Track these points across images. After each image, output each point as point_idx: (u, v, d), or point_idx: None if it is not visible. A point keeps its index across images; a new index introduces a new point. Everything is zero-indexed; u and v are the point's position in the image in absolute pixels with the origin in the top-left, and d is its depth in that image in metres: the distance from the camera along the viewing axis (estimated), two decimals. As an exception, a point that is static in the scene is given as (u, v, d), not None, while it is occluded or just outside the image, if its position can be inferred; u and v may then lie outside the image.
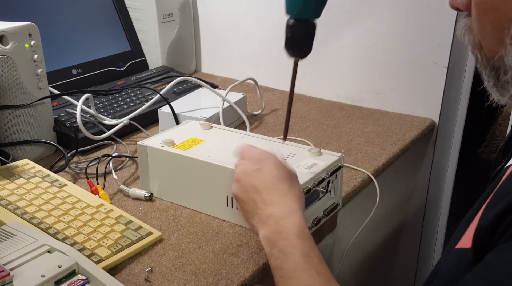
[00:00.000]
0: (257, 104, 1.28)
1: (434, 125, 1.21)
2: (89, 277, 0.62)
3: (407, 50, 1.20)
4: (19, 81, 0.94)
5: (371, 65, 1.25)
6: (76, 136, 1.00)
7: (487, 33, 0.57)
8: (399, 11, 1.18)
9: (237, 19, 1.44)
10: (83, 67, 1.24)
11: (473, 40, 0.59)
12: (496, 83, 0.58)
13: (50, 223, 0.73)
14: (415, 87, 1.21)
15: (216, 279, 0.68)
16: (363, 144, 1.07)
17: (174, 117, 1.05)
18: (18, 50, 0.93)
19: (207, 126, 0.93)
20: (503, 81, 0.57)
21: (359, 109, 1.27)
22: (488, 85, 0.60)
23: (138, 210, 0.84)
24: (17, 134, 0.96)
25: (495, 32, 0.55)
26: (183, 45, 1.48)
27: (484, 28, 0.57)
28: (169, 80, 1.25)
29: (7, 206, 0.76)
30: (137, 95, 1.21)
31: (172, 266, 0.70)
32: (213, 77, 1.50)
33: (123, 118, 1.07)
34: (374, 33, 1.22)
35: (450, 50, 1.14)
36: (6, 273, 0.58)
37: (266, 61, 1.42)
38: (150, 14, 1.39)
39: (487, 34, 0.57)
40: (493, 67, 0.58)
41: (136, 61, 1.37)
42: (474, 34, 0.59)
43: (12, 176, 0.84)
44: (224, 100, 1.10)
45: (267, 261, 0.72)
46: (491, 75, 0.58)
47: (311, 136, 1.11)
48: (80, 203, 0.79)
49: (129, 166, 0.98)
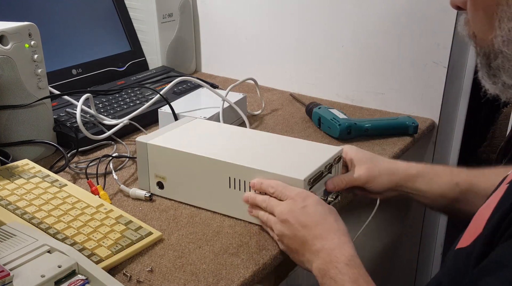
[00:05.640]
0: (257, 104, 1.28)
1: (434, 125, 1.21)
2: (89, 277, 0.62)
3: (407, 50, 1.20)
4: (19, 81, 0.94)
5: (371, 65, 1.25)
6: (76, 136, 1.00)
7: (480, 20, 0.58)
8: (399, 11, 1.18)
9: (237, 19, 1.44)
10: (83, 67, 1.24)
11: (468, 31, 0.62)
12: (488, 72, 0.60)
13: (50, 223, 0.73)
14: (415, 87, 1.21)
15: (216, 279, 0.68)
16: (363, 144, 1.07)
17: (174, 117, 1.05)
18: (18, 50, 0.93)
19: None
20: (494, 68, 0.58)
21: (359, 109, 1.27)
22: (481, 75, 0.61)
23: (138, 210, 0.84)
24: (17, 134, 0.96)
25: (486, 17, 0.57)
26: (183, 45, 1.48)
27: (477, 15, 0.59)
28: (169, 80, 1.25)
29: (7, 206, 0.76)
30: (137, 95, 1.21)
31: (172, 266, 0.70)
32: (213, 77, 1.50)
33: (123, 118, 1.07)
34: (374, 33, 1.22)
35: (450, 50, 1.14)
36: (6, 273, 0.58)
37: (266, 61, 1.42)
38: (150, 14, 1.39)
39: (479, 21, 0.59)
40: (484, 54, 0.59)
41: (136, 61, 1.37)
42: (469, 25, 0.61)
43: (12, 176, 0.84)
44: (224, 100, 1.10)
45: (267, 261, 0.72)
46: (483, 62, 0.60)
47: (311, 136, 1.11)
48: (80, 203, 0.79)
49: (129, 166, 0.98)
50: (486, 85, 0.61)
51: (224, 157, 0.79)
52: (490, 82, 0.60)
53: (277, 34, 1.37)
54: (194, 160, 0.81)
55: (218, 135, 0.90)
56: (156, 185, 0.87)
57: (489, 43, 0.57)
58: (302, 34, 1.32)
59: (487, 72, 0.60)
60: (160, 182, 0.86)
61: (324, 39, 1.30)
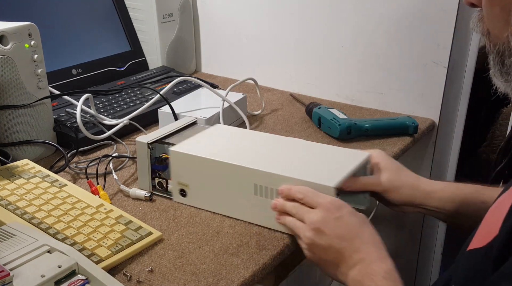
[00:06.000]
0: (257, 104, 1.28)
1: (434, 125, 1.21)
2: (89, 277, 0.62)
3: (407, 50, 1.20)
4: (19, 81, 0.94)
5: (371, 65, 1.25)
6: (76, 136, 1.00)
7: (495, 17, 0.58)
8: (399, 11, 1.18)
9: (237, 19, 1.44)
10: (83, 67, 1.24)
11: (482, 28, 0.61)
12: (501, 69, 0.59)
13: (50, 223, 0.73)
14: (415, 87, 1.21)
15: (216, 279, 0.68)
16: (363, 144, 1.07)
17: (174, 117, 1.05)
18: (18, 50, 0.93)
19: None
20: (508, 65, 0.58)
21: (359, 109, 1.27)
22: (493, 73, 0.60)
23: (138, 210, 0.84)
24: (17, 134, 0.96)
25: (503, 14, 0.56)
26: (183, 45, 1.48)
27: (492, 12, 0.58)
28: (169, 80, 1.25)
29: (7, 206, 0.76)
30: (137, 95, 1.21)
31: (172, 266, 0.70)
32: (213, 77, 1.50)
33: (123, 118, 1.07)
34: (374, 33, 1.22)
35: (450, 50, 1.14)
36: (6, 273, 0.58)
37: (266, 61, 1.42)
38: (150, 14, 1.39)
39: (495, 17, 0.58)
40: (498, 52, 0.59)
41: (136, 61, 1.37)
42: (484, 22, 0.60)
43: (12, 176, 0.84)
44: (224, 100, 1.10)
45: (267, 261, 0.72)
46: (496, 60, 0.59)
47: (311, 136, 1.11)
48: (80, 203, 0.79)
49: (129, 166, 0.98)
50: (498, 83, 0.60)
51: (251, 163, 0.77)
52: (502, 80, 0.59)
53: (277, 34, 1.37)
54: (219, 167, 0.79)
55: (241, 141, 0.87)
56: (179, 193, 0.84)
57: (504, 40, 0.57)
58: (302, 34, 1.32)
59: (500, 69, 0.59)
60: (183, 189, 0.84)
61: (324, 39, 1.30)
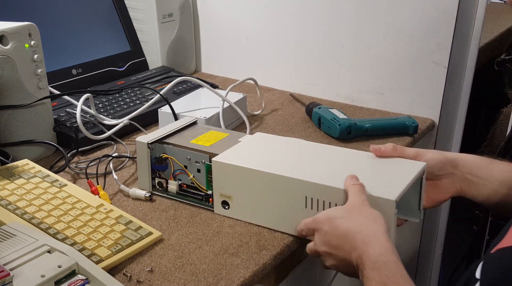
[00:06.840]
0: (257, 104, 1.28)
1: (434, 125, 1.21)
2: (89, 277, 0.62)
3: (407, 50, 1.20)
4: (19, 81, 0.94)
5: (371, 65, 1.25)
6: (76, 136, 1.00)
7: None
8: (399, 11, 1.18)
9: (237, 19, 1.44)
10: (83, 67, 1.24)
11: None
12: None
13: (50, 223, 0.73)
14: (415, 87, 1.21)
15: (216, 279, 0.68)
16: (363, 144, 1.07)
17: (174, 117, 1.05)
18: (18, 50, 0.93)
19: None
20: None
21: (359, 109, 1.27)
22: None
23: (138, 210, 0.84)
24: (17, 134, 0.96)
25: None
26: (183, 45, 1.48)
27: None
28: (169, 80, 1.25)
29: (7, 206, 0.76)
30: (137, 95, 1.21)
31: (172, 266, 0.70)
32: (213, 77, 1.50)
33: (123, 118, 1.07)
34: (373, 33, 1.22)
35: (450, 50, 1.14)
36: (6, 273, 0.58)
37: (266, 61, 1.42)
38: (150, 14, 1.39)
39: None
40: None
41: (136, 61, 1.37)
42: None
43: (12, 176, 0.84)
44: (224, 100, 1.10)
45: (267, 261, 0.72)
46: None
47: (311, 136, 1.11)
48: (80, 203, 0.79)
49: (129, 166, 0.98)
50: None
51: (301, 175, 0.73)
52: None
53: (277, 34, 1.37)
54: (267, 178, 0.75)
55: (286, 150, 0.84)
56: (221, 205, 0.81)
57: None
58: (302, 34, 1.32)
59: None
60: (226, 201, 0.80)
61: (324, 39, 1.30)
